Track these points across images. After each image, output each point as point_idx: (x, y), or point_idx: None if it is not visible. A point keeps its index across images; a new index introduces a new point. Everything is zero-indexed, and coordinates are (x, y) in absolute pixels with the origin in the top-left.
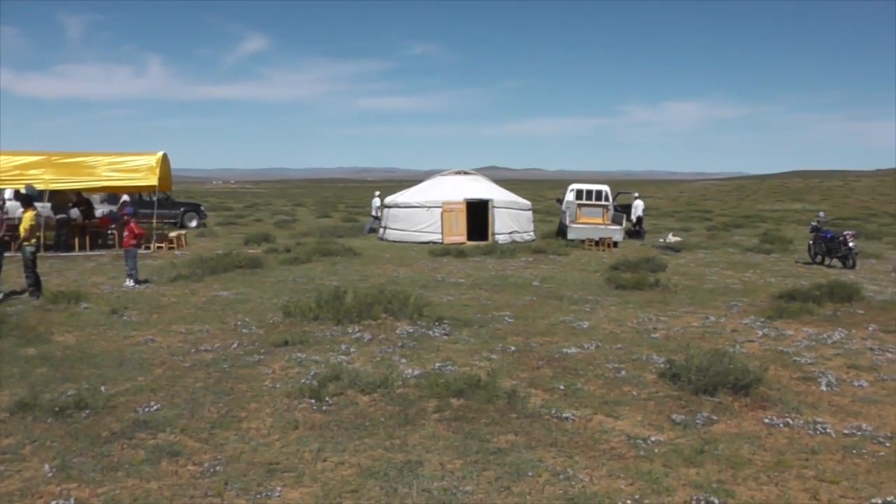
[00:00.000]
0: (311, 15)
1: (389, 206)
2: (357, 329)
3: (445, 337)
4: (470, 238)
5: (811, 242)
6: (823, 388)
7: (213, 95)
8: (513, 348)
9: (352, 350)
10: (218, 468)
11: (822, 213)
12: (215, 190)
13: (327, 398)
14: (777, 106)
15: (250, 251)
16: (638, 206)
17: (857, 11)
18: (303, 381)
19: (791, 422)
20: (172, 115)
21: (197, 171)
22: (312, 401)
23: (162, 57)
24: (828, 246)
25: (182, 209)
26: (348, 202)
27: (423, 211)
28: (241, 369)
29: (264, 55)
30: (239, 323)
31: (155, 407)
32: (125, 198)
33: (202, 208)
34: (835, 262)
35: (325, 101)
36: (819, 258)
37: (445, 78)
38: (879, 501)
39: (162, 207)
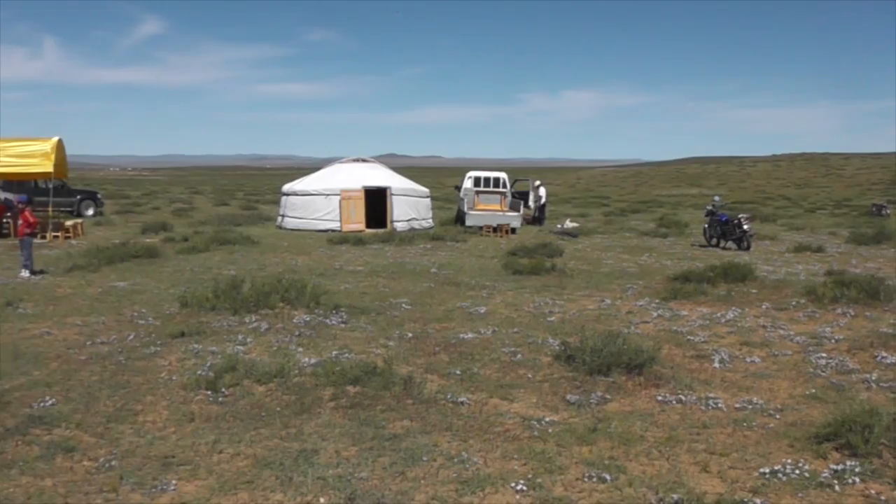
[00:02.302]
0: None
1: (287, 194)
2: (254, 319)
3: (343, 325)
4: (368, 226)
5: (706, 226)
6: (716, 365)
7: (110, 79)
8: (410, 335)
9: (248, 340)
10: (113, 463)
11: (717, 198)
12: (113, 177)
13: (223, 389)
14: (674, 94)
15: (148, 240)
16: (541, 193)
17: (752, 2)
18: (199, 372)
19: (683, 398)
20: (68, 100)
21: (94, 157)
22: (209, 392)
23: (58, 39)
24: (723, 229)
25: (78, 197)
26: (247, 190)
27: (322, 199)
28: (138, 362)
29: (161, 38)
30: (136, 314)
31: (50, 402)
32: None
33: (99, 196)
34: (730, 244)
35: (223, 87)
36: (714, 241)
37: (344, 65)
38: (767, 471)
39: (58, 195)
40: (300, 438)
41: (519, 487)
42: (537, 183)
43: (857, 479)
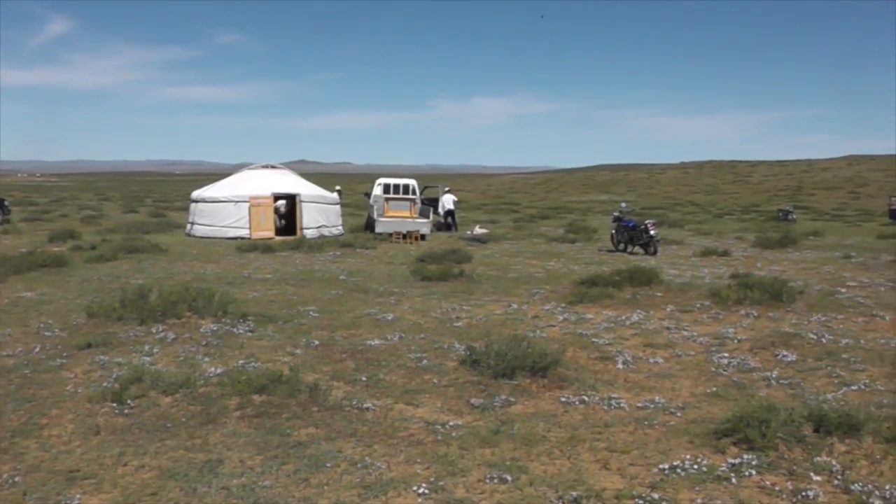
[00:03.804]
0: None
1: (196, 201)
2: (161, 328)
3: (250, 333)
4: (278, 233)
5: (614, 231)
6: (620, 366)
7: (16, 81)
8: (317, 342)
9: (155, 350)
10: (17, 479)
11: (623, 204)
12: (20, 183)
13: (129, 401)
14: (583, 102)
15: (55, 249)
16: (448, 200)
17: (661, 11)
18: (105, 384)
19: (587, 399)
20: None
21: (1, 163)
22: (114, 404)
23: None
24: (630, 234)
25: None
26: (156, 196)
27: (231, 206)
28: (44, 374)
29: (68, 39)
30: (42, 325)
31: None
32: None
33: (6, 203)
34: (637, 249)
35: (132, 90)
36: (622, 246)
37: (255, 68)
38: (666, 466)
39: None
40: (205, 449)
41: (421, 491)
42: (446, 189)
43: (754, 472)
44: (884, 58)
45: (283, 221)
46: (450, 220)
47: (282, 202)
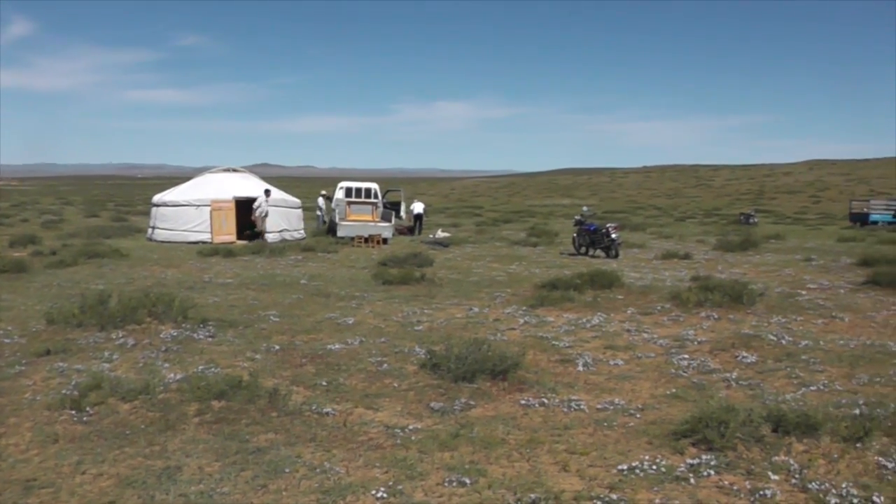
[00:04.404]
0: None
1: (158, 205)
2: (121, 334)
3: (210, 339)
4: (240, 237)
5: (576, 235)
6: (580, 368)
7: None
8: (277, 347)
9: (115, 357)
10: None
11: (585, 208)
12: None
13: (88, 408)
14: (545, 107)
15: (15, 254)
16: (418, 206)
17: (623, 17)
18: (64, 391)
19: (546, 401)
20: None
21: None
22: (73, 412)
23: None
24: (591, 238)
25: None
26: (118, 200)
27: (192, 209)
28: (2, 382)
29: (30, 40)
30: (1, 332)
31: None
32: None
33: None
34: (599, 252)
35: (94, 92)
36: (583, 250)
37: (216, 71)
38: (625, 467)
39: None
40: (164, 456)
41: (380, 495)
42: (415, 201)
43: (712, 472)
44: (844, 64)
45: (263, 224)
46: (417, 223)
47: (272, 207)
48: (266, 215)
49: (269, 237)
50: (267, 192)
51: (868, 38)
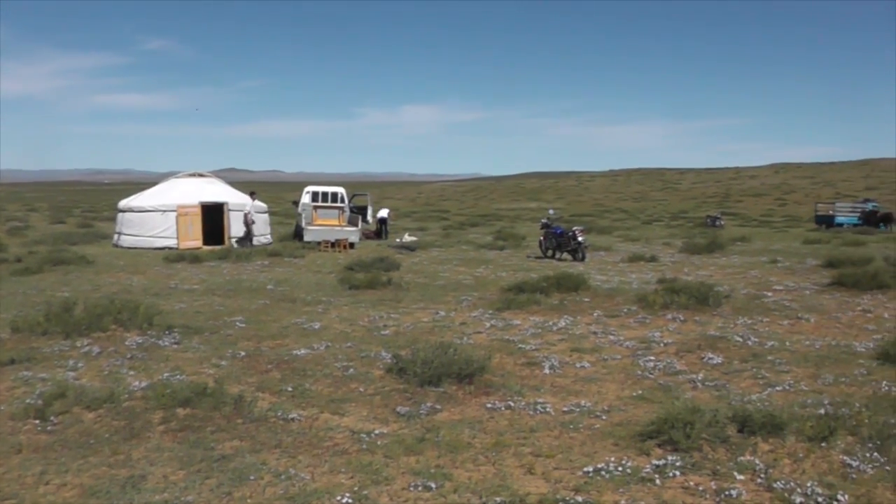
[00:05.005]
0: (41, 3)
1: (123, 211)
2: (86, 342)
3: (175, 346)
4: (206, 242)
5: (542, 238)
6: (546, 371)
7: None
8: (243, 353)
9: (80, 365)
10: None
11: (551, 211)
12: None
13: (52, 417)
14: (511, 111)
15: None
16: (383, 211)
17: (587, 21)
18: (28, 400)
19: (513, 404)
20: None
21: None
22: (37, 421)
23: None
24: (558, 241)
25: None
26: (84, 206)
27: (158, 215)
28: None
29: None
30: None
31: None
32: None
33: None
34: (565, 255)
35: (59, 97)
36: (550, 253)
37: (182, 75)
38: (591, 469)
39: None
40: (128, 465)
41: (345, 500)
42: (382, 208)
43: (678, 473)
44: (809, 68)
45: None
46: (382, 227)
47: (259, 213)
48: (254, 222)
49: (255, 241)
50: (252, 195)
51: (833, 43)
